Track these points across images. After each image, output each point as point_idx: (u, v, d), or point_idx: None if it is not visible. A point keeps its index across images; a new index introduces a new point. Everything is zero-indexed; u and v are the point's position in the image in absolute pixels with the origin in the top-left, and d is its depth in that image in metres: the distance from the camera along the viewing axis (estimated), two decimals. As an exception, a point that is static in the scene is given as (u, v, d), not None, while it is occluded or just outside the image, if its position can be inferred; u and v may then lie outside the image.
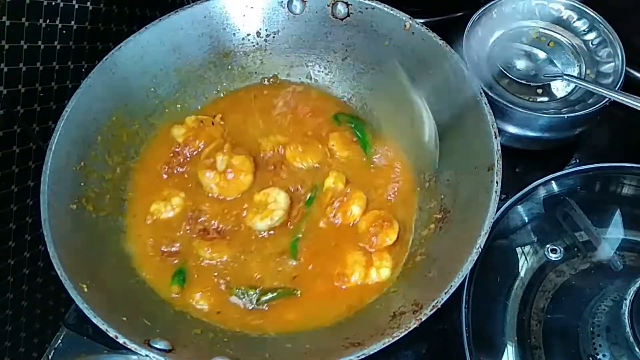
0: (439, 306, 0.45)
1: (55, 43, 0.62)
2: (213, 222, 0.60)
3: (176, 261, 0.58)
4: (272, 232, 0.59)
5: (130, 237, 0.60)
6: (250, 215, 0.60)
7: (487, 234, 0.48)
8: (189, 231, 0.59)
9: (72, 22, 0.64)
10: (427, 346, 0.59)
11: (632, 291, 0.48)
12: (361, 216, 0.60)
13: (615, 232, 0.61)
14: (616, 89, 0.63)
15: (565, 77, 0.66)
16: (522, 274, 0.60)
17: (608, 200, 0.64)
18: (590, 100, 0.64)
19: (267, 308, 0.55)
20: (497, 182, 0.50)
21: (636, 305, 0.47)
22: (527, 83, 0.68)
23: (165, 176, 0.63)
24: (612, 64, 0.67)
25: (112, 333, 0.45)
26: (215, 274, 0.57)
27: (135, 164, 0.65)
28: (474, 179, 0.54)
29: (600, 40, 0.68)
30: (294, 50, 0.70)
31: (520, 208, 0.62)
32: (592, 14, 0.69)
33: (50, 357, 0.64)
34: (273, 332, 0.54)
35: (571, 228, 0.60)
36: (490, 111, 0.54)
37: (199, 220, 0.60)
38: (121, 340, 0.45)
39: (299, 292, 0.56)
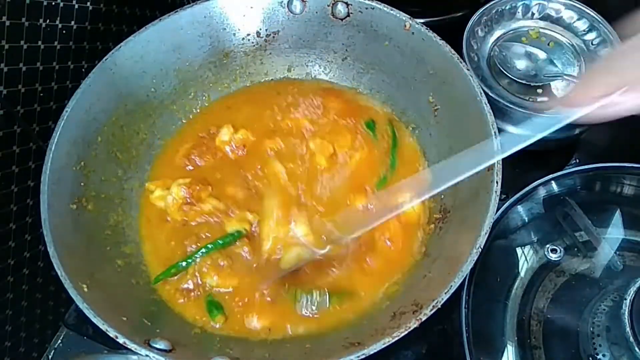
0: (439, 306, 0.45)
1: (55, 43, 0.62)
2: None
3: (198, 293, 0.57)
4: None
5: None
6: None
7: (487, 234, 0.48)
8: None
9: (72, 22, 0.64)
10: (427, 346, 0.59)
11: (632, 291, 0.48)
12: None
13: (615, 232, 0.61)
14: (616, 89, 0.63)
15: (565, 77, 0.66)
16: (522, 274, 0.60)
17: (608, 200, 0.64)
18: (590, 100, 0.64)
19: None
20: (497, 182, 0.50)
21: (636, 305, 0.47)
22: (527, 83, 0.68)
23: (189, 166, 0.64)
24: (612, 64, 0.67)
25: (112, 333, 0.45)
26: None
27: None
28: (473, 179, 0.54)
29: (600, 40, 0.68)
30: (294, 50, 0.70)
31: (520, 208, 0.62)
32: (592, 14, 0.69)
33: (50, 357, 0.64)
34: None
35: (571, 228, 0.60)
36: (490, 111, 0.54)
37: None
38: (121, 340, 0.45)
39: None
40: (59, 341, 0.64)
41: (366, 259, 0.57)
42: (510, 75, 0.68)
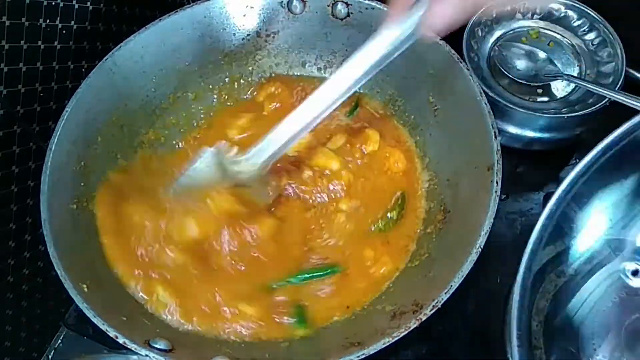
0: (439, 306, 0.45)
1: (55, 43, 0.62)
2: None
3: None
4: None
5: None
6: None
7: (487, 234, 0.48)
8: None
9: (72, 22, 0.63)
10: (427, 346, 0.59)
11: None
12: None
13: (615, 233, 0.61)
14: (616, 89, 0.63)
15: (565, 77, 0.66)
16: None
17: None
18: (590, 100, 0.64)
19: None
20: (497, 182, 0.50)
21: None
22: (527, 83, 0.68)
23: None
24: (612, 64, 0.67)
25: (112, 333, 0.45)
26: None
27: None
28: (474, 178, 0.54)
29: (600, 40, 0.68)
30: (293, 51, 0.70)
31: (520, 208, 0.62)
32: (592, 14, 0.69)
33: (50, 357, 0.64)
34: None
35: (571, 228, 0.60)
36: (490, 111, 0.54)
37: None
38: (121, 340, 0.45)
39: None
40: (59, 341, 0.64)
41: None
42: (510, 75, 0.68)
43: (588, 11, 0.69)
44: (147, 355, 0.45)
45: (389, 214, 0.60)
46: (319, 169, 0.61)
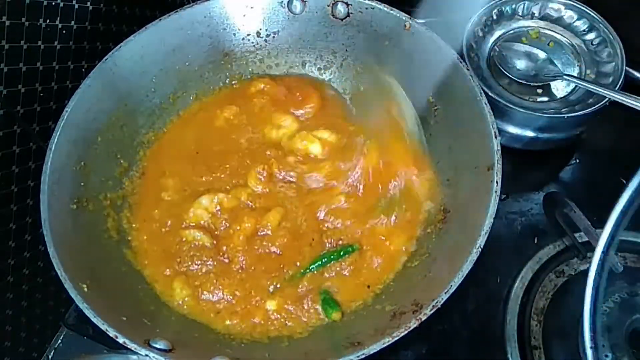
0: (439, 306, 0.45)
1: (55, 43, 0.62)
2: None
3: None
4: None
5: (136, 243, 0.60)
6: None
7: (487, 234, 0.48)
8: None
9: (72, 22, 0.64)
10: (427, 346, 0.59)
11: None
12: None
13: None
14: (616, 89, 0.63)
15: (565, 77, 0.66)
16: (522, 274, 0.60)
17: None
18: (590, 100, 0.65)
19: None
20: (497, 182, 0.50)
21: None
22: (527, 83, 0.68)
23: None
24: (612, 64, 0.67)
25: (112, 333, 0.45)
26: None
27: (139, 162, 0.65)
28: (474, 178, 0.54)
29: (600, 40, 0.69)
30: (293, 51, 0.70)
31: (520, 208, 0.62)
32: (592, 14, 0.69)
33: (50, 357, 0.64)
34: None
35: (571, 228, 0.60)
36: (490, 111, 0.54)
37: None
38: (121, 340, 0.45)
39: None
40: (59, 341, 0.64)
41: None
42: (510, 75, 0.68)
43: (588, 11, 0.69)
44: (147, 355, 0.45)
45: (391, 192, 0.60)
46: (304, 152, 0.63)
